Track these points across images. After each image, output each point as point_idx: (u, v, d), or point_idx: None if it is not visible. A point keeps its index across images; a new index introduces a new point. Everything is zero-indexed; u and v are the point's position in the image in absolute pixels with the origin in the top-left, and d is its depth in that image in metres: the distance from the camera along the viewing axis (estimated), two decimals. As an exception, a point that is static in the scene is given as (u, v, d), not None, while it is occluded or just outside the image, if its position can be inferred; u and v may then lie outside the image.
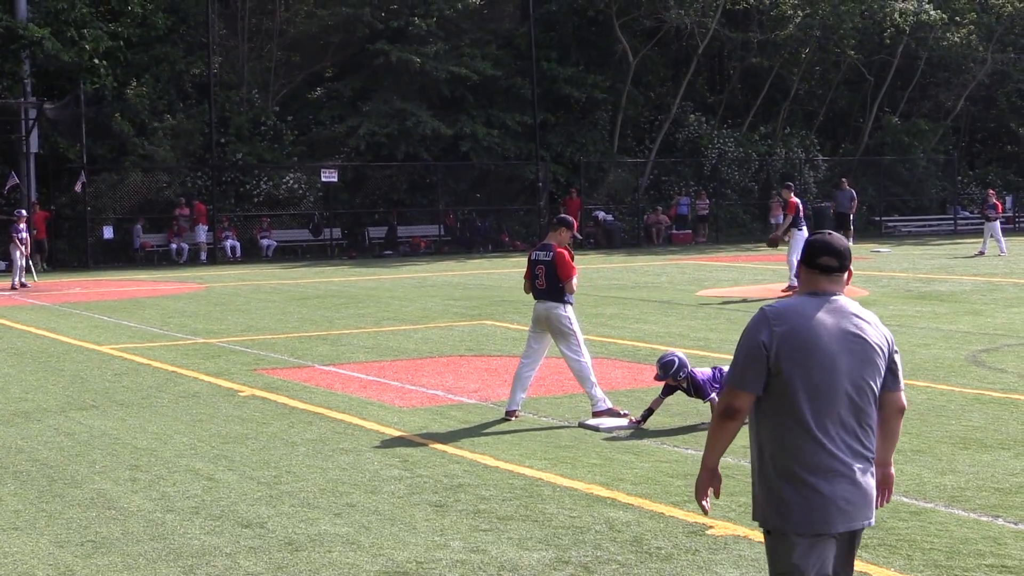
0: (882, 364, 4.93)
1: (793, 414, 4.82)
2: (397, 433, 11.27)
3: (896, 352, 5.02)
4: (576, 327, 11.93)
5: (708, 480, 5.17)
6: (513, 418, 11.81)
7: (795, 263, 24.27)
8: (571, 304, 11.97)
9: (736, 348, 4.94)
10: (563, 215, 12.67)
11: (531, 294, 12.13)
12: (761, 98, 51.42)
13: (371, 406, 12.70)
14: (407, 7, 43.78)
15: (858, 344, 4.87)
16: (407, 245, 43.17)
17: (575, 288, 11.94)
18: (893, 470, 5.19)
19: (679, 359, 11.44)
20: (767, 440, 4.91)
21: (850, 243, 40.39)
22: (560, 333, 11.87)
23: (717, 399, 11.18)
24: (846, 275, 4.98)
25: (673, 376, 11.35)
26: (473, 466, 9.95)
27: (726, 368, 11.61)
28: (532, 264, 12.05)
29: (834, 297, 4.93)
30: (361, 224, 44.19)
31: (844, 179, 43.91)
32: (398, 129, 42.58)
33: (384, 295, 25.83)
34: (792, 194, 25.36)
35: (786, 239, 24.99)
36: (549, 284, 11.86)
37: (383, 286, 28.40)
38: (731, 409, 4.91)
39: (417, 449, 10.62)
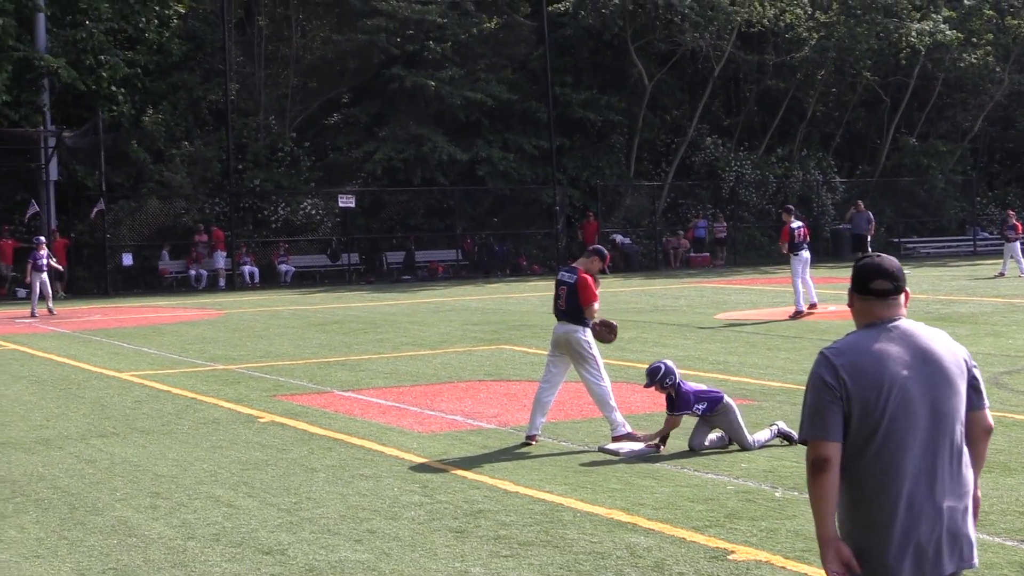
0: (962, 384, 4.54)
1: (870, 456, 4.45)
2: (417, 459, 11.26)
3: (975, 367, 4.64)
4: (595, 351, 11.93)
5: (833, 554, 4.46)
6: (533, 442, 11.80)
7: (798, 287, 24.33)
8: (590, 327, 11.97)
9: (804, 398, 4.55)
10: (599, 246, 12.64)
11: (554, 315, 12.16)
12: (777, 120, 51.42)
13: (391, 432, 12.70)
14: (422, 32, 43.94)
15: (931, 368, 4.50)
16: (425, 270, 43.22)
17: (595, 315, 11.94)
18: (980, 493, 4.69)
19: (665, 366, 11.49)
20: (849, 496, 4.51)
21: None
22: (579, 357, 11.87)
23: (684, 418, 11.24)
24: (903, 297, 4.62)
25: (660, 383, 11.41)
26: (493, 491, 9.93)
27: (728, 396, 11.62)
28: (557, 284, 12.13)
29: (894, 323, 4.58)
30: (379, 249, 44.28)
31: (860, 201, 43.91)
32: (414, 154, 42.69)
33: (402, 320, 25.85)
34: (792, 217, 25.23)
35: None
36: (569, 306, 11.89)
37: (401, 311, 28.42)
38: (819, 461, 4.43)
39: (437, 475, 10.60)
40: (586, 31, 46.18)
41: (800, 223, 25.24)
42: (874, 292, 4.62)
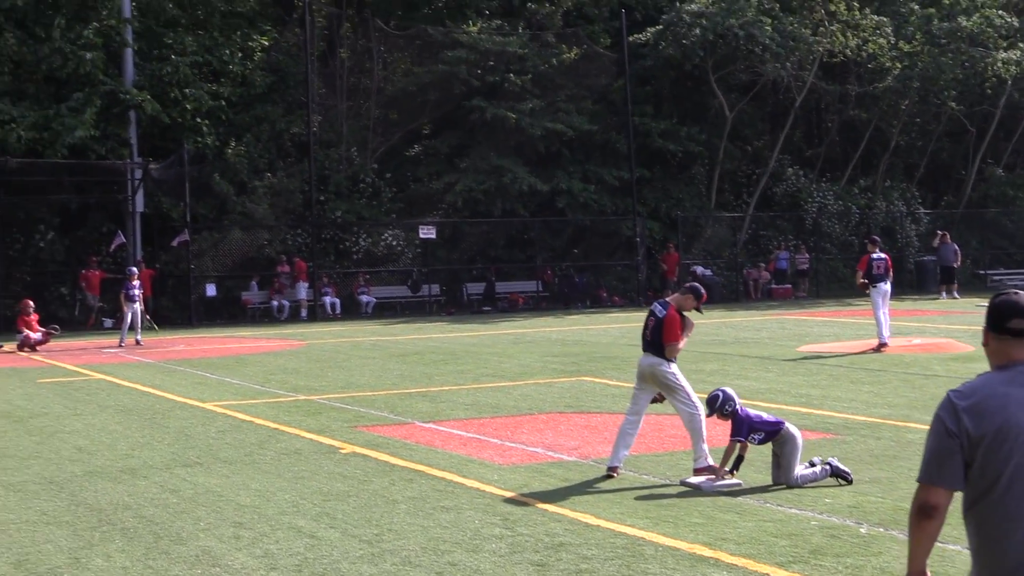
0: None
1: (993, 501, 4.27)
2: (497, 491, 11.25)
3: None
4: (683, 381, 11.94)
5: None
6: (615, 475, 11.75)
7: (880, 319, 24.00)
8: (674, 361, 11.96)
9: (926, 437, 4.44)
10: (696, 284, 12.60)
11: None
12: (860, 151, 51.01)
13: (471, 463, 12.70)
14: (503, 64, 44.15)
15: None
16: (505, 301, 43.27)
17: (676, 355, 11.95)
18: None
19: (723, 393, 11.57)
20: (974, 541, 4.37)
21: (956, 297, 40.02)
22: (668, 388, 11.92)
23: (744, 445, 11.15)
24: None
25: (720, 411, 11.47)
26: (574, 524, 9.89)
27: (792, 426, 11.50)
28: (648, 315, 12.27)
29: None
30: (459, 280, 44.43)
31: (944, 233, 43.39)
32: (495, 185, 42.85)
33: (483, 351, 25.88)
34: (876, 248, 24.90)
35: (867, 293, 24.65)
36: (655, 339, 12.01)
37: (482, 342, 28.47)
38: (926, 507, 4.33)
39: (518, 507, 10.58)
40: (667, 62, 46.12)
41: (882, 255, 24.84)
42: (1010, 331, 4.41)
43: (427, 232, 41.68)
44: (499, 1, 47.03)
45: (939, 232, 44.10)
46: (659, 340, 11.90)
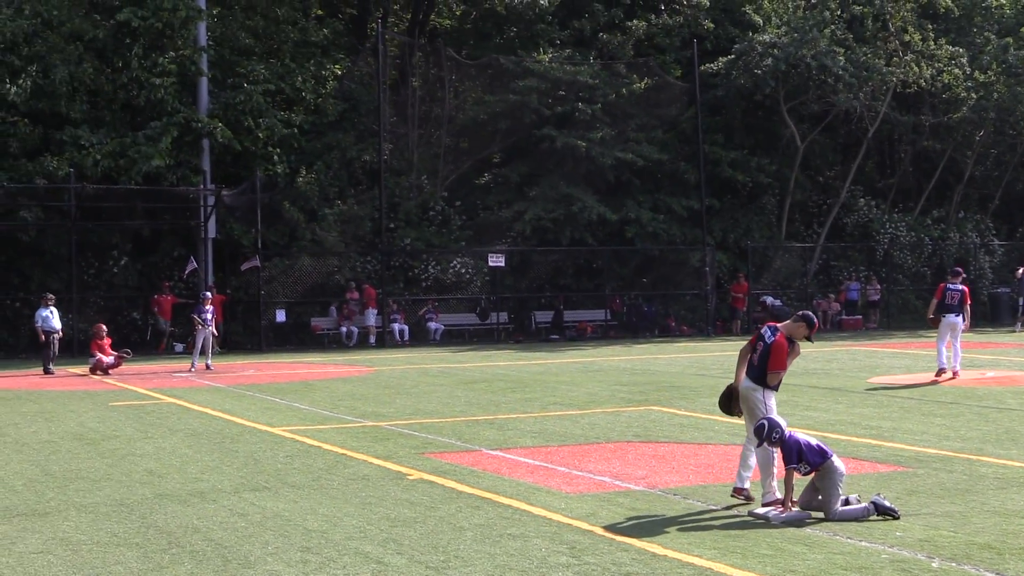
0: None
1: None
2: (564, 519, 11.21)
3: None
4: (773, 411, 11.83)
5: None
6: (739, 497, 11.81)
7: (940, 349, 23.80)
8: (773, 390, 12.00)
9: None
10: (809, 312, 12.43)
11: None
12: (933, 181, 50.58)
13: (538, 491, 12.66)
14: (573, 93, 44.23)
15: None
16: (573, 329, 43.24)
17: (776, 383, 11.98)
18: None
19: (769, 421, 11.49)
20: None
21: (1020, 329, 39.57)
22: (752, 415, 11.84)
23: (795, 472, 11.06)
24: None
25: (767, 439, 11.44)
26: (641, 554, 9.83)
27: (835, 456, 11.38)
28: (757, 339, 12.14)
29: None
30: (527, 308, 44.46)
31: (1022, 267, 42.93)
32: (564, 214, 42.90)
33: (550, 379, 25.85)
34: (956, 279, 24.67)
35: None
36: (759, 365, 11.96)
37: (549, 370, 28.43)
38: None
39: (584, 536, 10.53)
40: (738, 92, 46.02)
41: (959, 286, 24.54)
42: None
43: (496, 260, 41.77)
44: (571, 31, 47.17)
45: (1021, 266, 43.55)
46: (764, 365, 11.87)
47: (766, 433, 11.45)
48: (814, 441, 11.58)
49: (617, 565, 9.47)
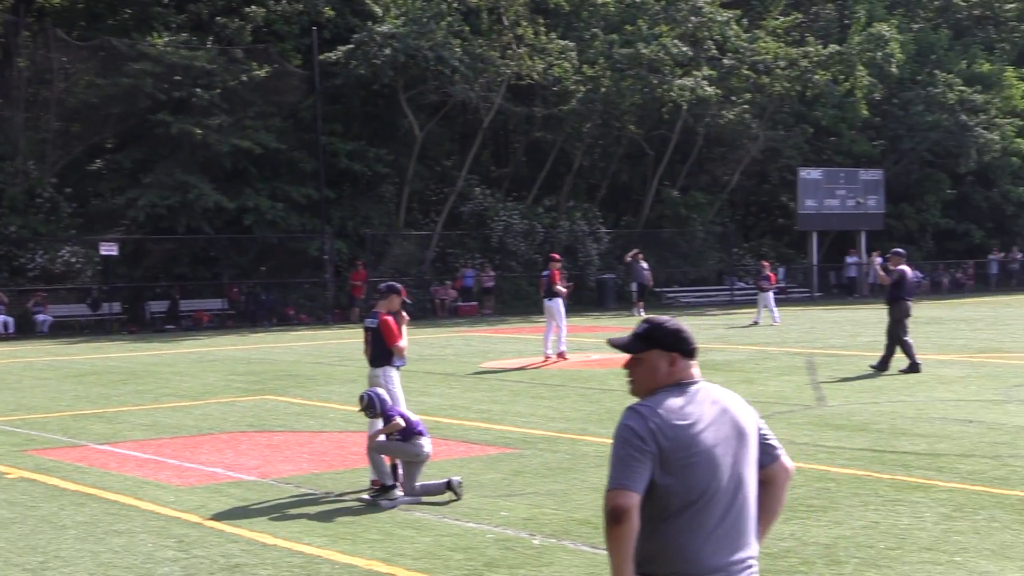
0: (755, 444, 4.67)
1: (676, 512, 4.48)
2: (173, 513, 11.01)
3: (763, 425, 4.77)
4: (396, 391, 12.12)
5: None
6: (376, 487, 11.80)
7: (546, 335, 24.98)
8: (396, 368, 12.34)
9: (618, 444, 4.48)
10: (392, 282, 13.01)
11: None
12: (545, 171, 52.29)
13: (147, 485, 12.38)
14: (190, 79, 43.26)
15: (733, 429, 4.60)
16: (189, 319, 42.39)
17: (403, 353, 12.34)
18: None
19: (371, 394, 11.79)
20: (656, 545, 4.49)
21: (641, 314, 41.75)
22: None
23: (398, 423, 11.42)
24: None
25: (367, 410, 11.77)
26: (251, 545, 9.77)
27: (427, 436, 11.75)
28: (364, 331, 12.56)
29: (697, 384, 4.67)
30: (142, 298, 43.25)
31: (638, 251, 44.94)
32: (180, 202, 41.92)
33: (164, 370, 25.28)
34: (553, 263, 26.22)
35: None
36: (375, 350, 12.28)
37: (163, 361, 27.80)
38: (618, 511, 4.39)
39: (194, 529, 10.38)
40: (357, 81, 46.17)
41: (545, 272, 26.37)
42: (687, 352, 4.71)
43: (108, 249, 40.41)
44: (187, 15, 46.11)
45: (634, 250, 45.56)
46: (383, 349, 12.17)
47: (366, 404, 11.69)
48: (415, 418, 11.84)
49: (226, 557, 9.38)
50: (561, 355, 25.23)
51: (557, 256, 27.57)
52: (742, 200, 60.30)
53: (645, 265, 44.05)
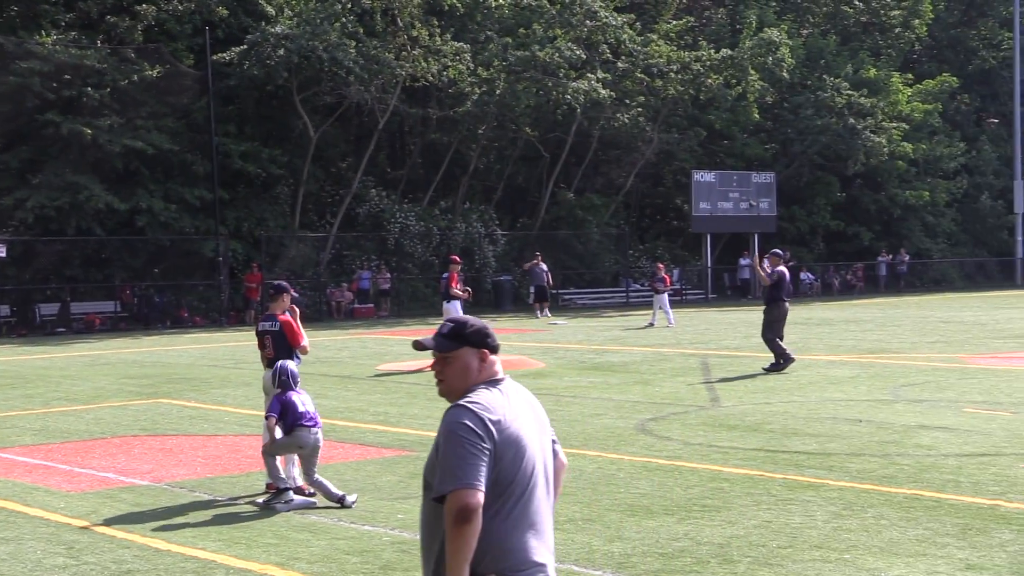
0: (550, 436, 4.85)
1: (507, 506, 4.54)
2: (63, 519, 10.84)
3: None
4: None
5: None
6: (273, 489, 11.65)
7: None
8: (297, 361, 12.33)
9: (448, 449, 4.49)
10: (280, 282, 12.95)
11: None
12: (441, 173, 52.28)
13: (36, 491, 12.18)
14: (80, 78, 42.57)
15: (540, 423, 4.76)
16: (81, 322, 41.72)
17: (307, 351, 12.46)
18: None
19: (281, 365, 11.73)
20: (479, 546, 4.46)
21: (547, 315, 41.96)
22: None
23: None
24: None
25: (275, 380, 11.67)
26: (143, 550, 9.66)
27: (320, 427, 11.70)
28: (260, 336, 12.40)
29: (504, 379, 4.76)
30: (31, 301, 42.48)
31: (538, 254, 45.11)
32: (70, 203, 41.24)
33: (55, 374, 24.87)
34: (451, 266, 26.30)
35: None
36: (278, 353, 12.16)
37: (54, 365, 27.35)
38: (467, 511, 4.39)
39: (84, 535, 10.23)
40: (251, 82, 45.80)
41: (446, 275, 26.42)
42: (493, 348, 4.83)
43: (-4, 251, 39.66)
44: (76, 13, 45.36)
45: (537, 256, 45.67)
46: (286, 350, 12.16)
47: (277, 372, 11.58)
48: (312, 410, 11.63)
49: (118, 563, 9.26)
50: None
51: (457, 258, 27.61)
52: (637, 202, 60.79)
53: (544, 267, 44.19)
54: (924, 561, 8.87)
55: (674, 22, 56.07)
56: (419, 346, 4.89)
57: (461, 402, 4.63)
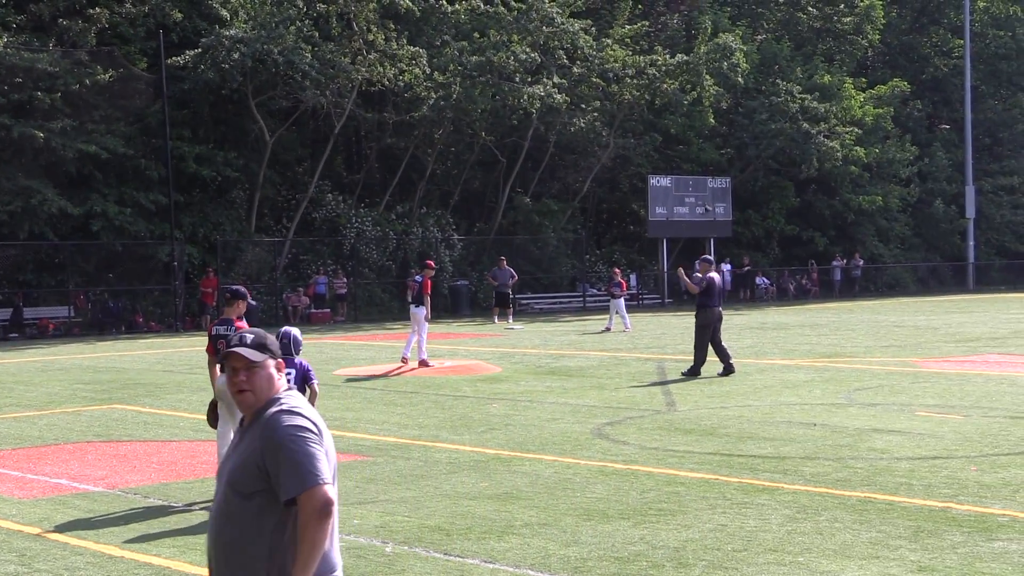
0: None
1: None
2: (15, 526, 10.74)
3: None
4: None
5: None
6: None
7: (410, 339, 25.01)
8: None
9: (296, 447, 4.64)
10: (236, 287, 12.94)
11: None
12: (398, 178, 52.20)
13: (-12, 499, 12.07)
14: (31, 81, 42.24)
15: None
16: (34, 327, 41.39)
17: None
18: None
19: (285, 333, 11.82)
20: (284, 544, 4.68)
21: (510, 320, 41.91)
22: (231, 409, 11.81)
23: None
24: None
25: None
26: (97, 557, 9.59)
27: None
28: (214, 340, 12.28)
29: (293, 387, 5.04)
30: (-17, 306, 42.14)
31: (502, 258, 45.06)
32: (22, 207, 40.90)
33: (7, 380, 24.65)
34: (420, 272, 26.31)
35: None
36: None
37: (7, 370, 27.09)
38: (330, 505, 4.61)
39: (36, 542, 10.14)
40: (206, 86, 45.56)
41: (417, 277, 26.13)
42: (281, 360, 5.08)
43: (-53, 255, 39.28)
44: (28, 15, 44.99)
45: (500, 258, 45.61)
46: None
47: (279, 337, 11.51)
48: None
49: (70, 571, 9.19)
50: (423, 363, 25.13)
51: (432, 263, 27.47)
52: (593, 207, 60.90)
53: (511, 271, 43.96)
54: (877, 563, 8.93)
55: (629, 27, 56.25)
56: (235, 352, 4.96)
57: (285, 407, 4.78)
